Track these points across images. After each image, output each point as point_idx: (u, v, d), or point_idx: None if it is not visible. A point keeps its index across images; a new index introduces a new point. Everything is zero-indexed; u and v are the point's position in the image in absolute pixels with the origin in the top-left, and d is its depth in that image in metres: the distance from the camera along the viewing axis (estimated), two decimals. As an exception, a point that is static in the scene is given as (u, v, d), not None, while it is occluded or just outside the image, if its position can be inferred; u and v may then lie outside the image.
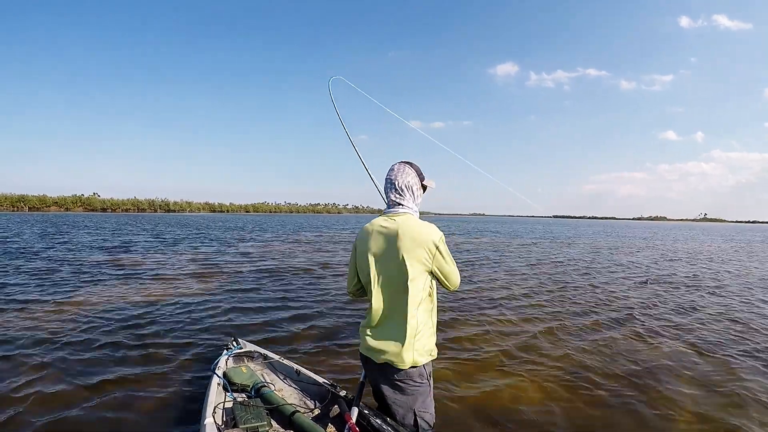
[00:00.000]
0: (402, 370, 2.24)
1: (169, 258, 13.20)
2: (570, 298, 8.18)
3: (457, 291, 7.81)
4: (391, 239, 2.23)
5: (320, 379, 3.19)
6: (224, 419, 2.66)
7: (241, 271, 10.60)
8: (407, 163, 2.45)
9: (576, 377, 4.35)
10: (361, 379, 2.71)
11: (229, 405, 2.78)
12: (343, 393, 2.93)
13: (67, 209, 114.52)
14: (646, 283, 10.38)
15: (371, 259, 2.32)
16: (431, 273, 2.27)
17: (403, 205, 2.35)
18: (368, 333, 2.37)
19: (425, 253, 2.19)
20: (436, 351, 2.37)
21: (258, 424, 2.55)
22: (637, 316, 6.82)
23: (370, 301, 2.38)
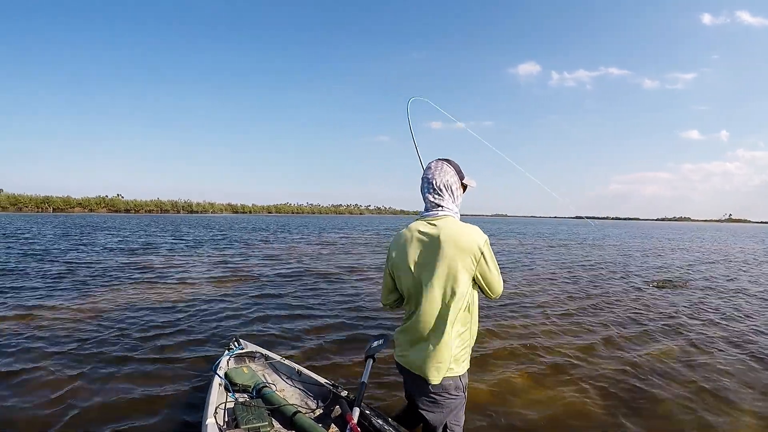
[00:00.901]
0: (439, 383, 2.15)
1: (189, 260, 13.43)
2: (612, 304, 7.97)
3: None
4: (433, 246, 2.10)
5: (322, 380, 3.21)
6: (226, 420, 2.69)
7: (258, 274, 10.72)
8: (445, 160, 2.29)
9: (627, 386, 4.27)
10: (362, 380, 2.70)
11: (230, 405, 2.81)
12: (344, 393, 2.95)
13: (91, 210, 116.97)
14: (665, 283, 10.20)
15: (411, 268, 2.18)
16: (474, 280, 2.13)
17: (442, 206, 2.20)
18: (406, 343, 2.28)
19: (470, 259, 2.06)
20: (468, 362, 2.26)
21: (259, 424, 2.57)
22: (683, 323, 6.65)
23: (408, 310, 2.30)
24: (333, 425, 2.76)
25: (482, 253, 2.06)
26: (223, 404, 2.79)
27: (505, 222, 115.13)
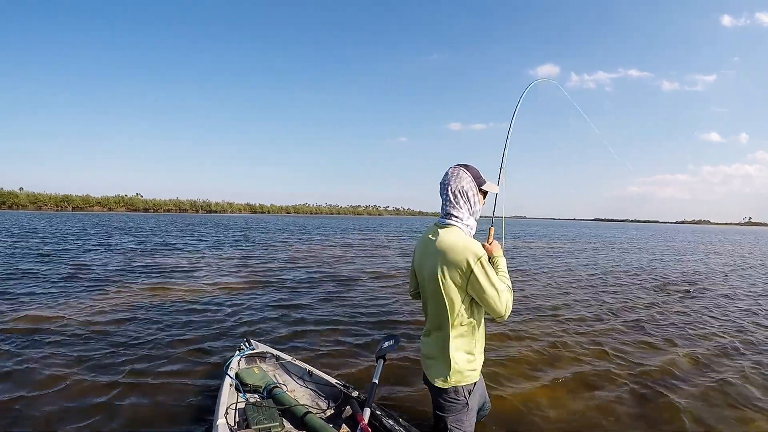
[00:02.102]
0: (437, 387, 2.24)
1: (208, 261, 13.58)
2: (640, 309, 7.74)
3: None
4: (431, 255, 2.17)
5: (332, 380, 3.27)
6: (237, 420, 2.74)
7: (275, 276, 10.82)
8: (463, 166, 2.28)
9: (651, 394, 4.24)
10: (373, 380, 2.73)
11: (241, 406, 2.87)
12: (355, 394, 3.01)
13: (110, 209, 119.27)
14: (689, 292, 9.76)
15: (418, 270, 2.32)
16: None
17: (452, 215, 2.21)
18: (421, 341, 2.42)
19: (458, 274, 2.08)
20: (475, 375, 2.27)
21: (270, 424, 2.63)
22: (721, 330, 6.45)
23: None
24: (344, 425, 2.80)
25: (472, 270, 2.04)
26: (234, 404, 2.85)
27: (525, 224, 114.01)
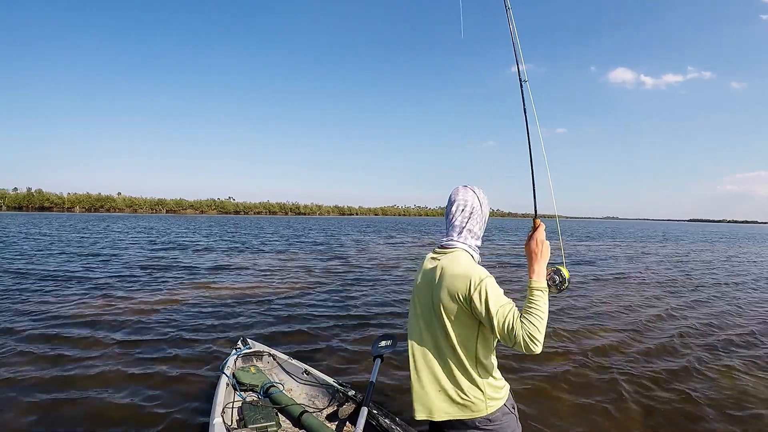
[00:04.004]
0: None
1: (261, 260, 13.97)
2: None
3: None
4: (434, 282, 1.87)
5: (329, 379, 3.25)
6: (233, 419, 2.80)
7: (317, 277, 10.86)
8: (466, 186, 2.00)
9: None
10: (370, 379, 2.71)
11: (238, 405, 2.92)
12: (352, 393, 2.99)
13: (202, 212, 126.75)
14: None
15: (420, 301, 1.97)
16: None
17: (454, 237, 1.91)
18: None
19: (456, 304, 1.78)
20: None
21: (267, 424, 2.66)
22: None
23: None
24: (340, 425, 2.80)
25: (472, 298, 1.78)
26: (231, 404, 2.90)
27: (625, 225, 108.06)
